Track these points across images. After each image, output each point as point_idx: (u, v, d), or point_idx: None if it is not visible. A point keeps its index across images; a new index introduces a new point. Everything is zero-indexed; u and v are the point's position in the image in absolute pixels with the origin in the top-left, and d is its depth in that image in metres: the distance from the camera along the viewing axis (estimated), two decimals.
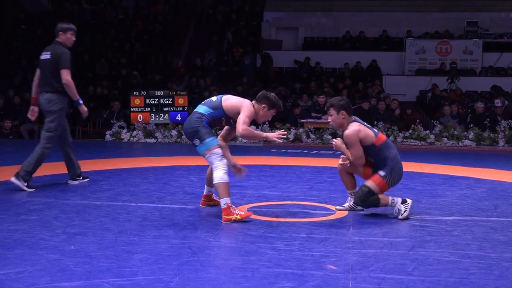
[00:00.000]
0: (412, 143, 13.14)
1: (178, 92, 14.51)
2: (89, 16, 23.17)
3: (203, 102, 5.50)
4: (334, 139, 5.69)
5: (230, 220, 5.14)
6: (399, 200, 5.51)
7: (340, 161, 5.70)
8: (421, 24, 21.66)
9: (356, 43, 20.96)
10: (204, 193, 5.83)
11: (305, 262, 4.01)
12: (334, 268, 3.90)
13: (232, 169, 5.55)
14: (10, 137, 13.99)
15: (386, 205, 5.48)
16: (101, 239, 4.53)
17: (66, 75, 6.91)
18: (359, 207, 5.78)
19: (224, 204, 5.17)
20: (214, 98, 5.48)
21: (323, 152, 11.51)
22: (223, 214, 5.18)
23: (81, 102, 7.12)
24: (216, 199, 5.82)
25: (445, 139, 13.19)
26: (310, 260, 4.07)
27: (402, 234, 4.85)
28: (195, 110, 5.47)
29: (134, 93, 14.20)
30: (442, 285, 3.61)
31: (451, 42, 20.20)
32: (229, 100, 5.41)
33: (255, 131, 5.58)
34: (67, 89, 6.91)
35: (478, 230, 5.02)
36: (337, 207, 5.88)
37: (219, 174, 5.19)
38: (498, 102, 15.10)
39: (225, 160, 5.27)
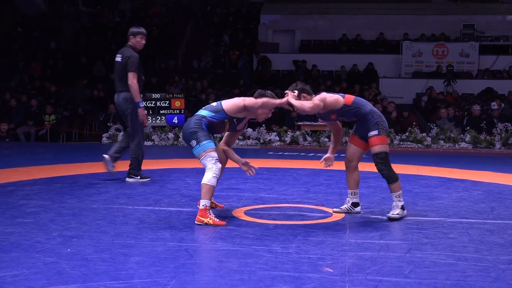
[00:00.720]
0: (408, 146, 13.15)
1: (175, 95, 14.48)
2: (86, 18, 23.14)
3: (203, 108, 5.50)
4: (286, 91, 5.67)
5: (203, 222, 5.11)
6: (402, 203, 5.56)
7: (323, 164, 5.89)
8: (417, 27, 21.68)
9: (352, 46, 20.99)
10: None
11: (302, 265, 4.01)
12: (331, 270, 3.90)
13: (244, 167, 5.61)
14: (7, 140, 13.97)
15: (396, 191, 5.53)
16: (98, 242, 4.52)
17: (131, 78, 7.43)
18: (357, 209, 5.79)
19: (203, 205, 5.15)
20: (214, 104, 5.50)
21: (319, 154, 11.47)
22: (198, 214, 5.17)
23: (141, 105, 7.56)
24: (215, 202, 5.84)
25: (442, 141, 13.21)
26: (307, 262, 4.07)
27: (398, 237, 4.85)
28: (195, 113, 5.48)
29: None
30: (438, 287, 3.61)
31: (447, 45, 20.23)
32: (229, 101, 5.45)
33: (271, 100, 5.49)
34: (131, 90, 7.44)
35: (474, 233, 5.03)
36: (334, 209, 5.88)
37: (208, 176, 5.17)
38: (494, 105, 15.12)
39: (218, 165, 5.24)
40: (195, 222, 5.15)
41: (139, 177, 7.64)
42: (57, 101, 16.49)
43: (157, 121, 13.99)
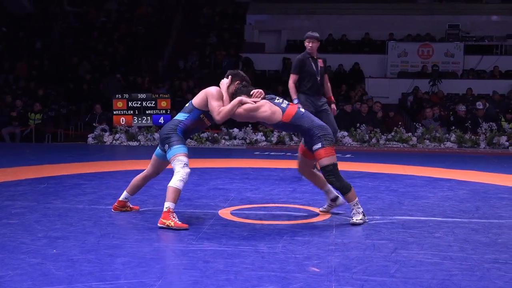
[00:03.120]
0: (394, 146, 13.20)
1: (161, 95, 14.46)
2: (72, 18, 23.02)
3: (181, 111, 5.51)
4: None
5: (164, 224, 5.01)
6: (361, 209, 5.40)
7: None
8: (403, 27, 21.75)
9: (338, 46, 21.01)
10: (120, 199, 5.73)
11: (288, 265, 4.01)
12: (317, 270, 3.90)
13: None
14: None
15: (352, 200, 5.31)
16: (83, 242, 4.50)
17: (289, 79, 8.19)
18: (338, 201, 5.74)
19: (166, 208, 5.05)
20: (188, 104, 5.50)
21: None
22: (161, 217, 5.07)
23: (295, 102, 7.86)
24: (131, 205, 5.78)
25: (427, 141, 13.26)
26: (293, 262, 4.07)
27: (384, 236, 4.87)
28: (174, 118, 5.49)
29: (117, 96, 14.14)
30: (424, 287, 3.63)
31: (432, 45, 20.31)
32: (197, 97, 5.43)
33: (228, 106, 5.30)
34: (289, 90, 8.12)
35: (460, 232, 5.05)
36: (321, 209, 5.89)
37: (176, 179, 5.12)
38: (479, 105, 15.20)
39: (187, 169, 5.18)
40: (158, 224, 5.05)
41: None
42: (44, 102, 16.39)
43: (143, 121, 13.96)
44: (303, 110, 5.48)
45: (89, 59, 19.86)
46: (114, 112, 14.02)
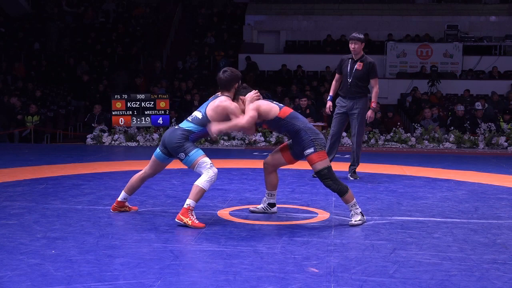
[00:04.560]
0: (393, 146, 13.20)
1: (159, 96, 14.45)
2: (69, 19, 23.01)
3: (189, 119, 5.35)
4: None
5: (182, 221, 5.06)
6: (360, 209, 5.39)
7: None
8: (402, 28, 21.80)
9: (337, 46, 21.04)
10: (118, 199, 5.70)
11: (287, 265, 4.01)
12: (316, 271, 3.90)
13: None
14: None
15: (350, 201, 5.30)
16: (82, 243, 4.50)
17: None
18: (273, 209, 5.75)
19: (187, 205, 5.09)
20: (199, 115, 5.32)
21: None
22: (180, 212, 5.11)
23: (328, 99, 8.34)
24: (129, 206, 5.76)
25: (426, 141, 13.26)
26: (292, 263, 4.07)
27: (383, 237, 4.87)
28: (180, 125, 5.35)
29: (116, 96, 14.13)
30: (423, 287, 3.63)
31: (431, 46, 20.33)
32: (214, 113, 5.28)
33: (248, 114, 5.27)
34: None
35: (458, 232, 5.06)
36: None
37: (203, 179, 5.12)
38: (478, 105, 15.23)
39: (214, 169, 5.17)
40: (175, 219, 5.11)
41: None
42: (42, 103, 16.40)
43: (142, 122, 13.95)
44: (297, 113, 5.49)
45: (87, 60, 19.87)
46: (113, 113, 14.00)
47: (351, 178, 8.08)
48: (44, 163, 9.53)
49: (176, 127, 5.38)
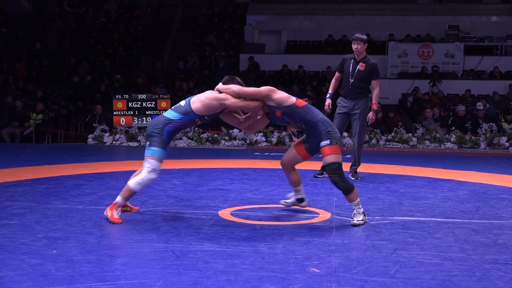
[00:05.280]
0: (394, 146, 13.20)
1: (160, 96, 14.46)
2: (71, 19, 23.02)
3: (172, 108, 5.43)
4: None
5: (107, 214, 5.24)
6: (362, 209, 5.38)
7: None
8: (403, 28, 21.78)
9: (338, 46, 21.03)
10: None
11: (288, 265, 4.01)
12: (317, 271, 3.90)
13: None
14: None
15: (354, 200, 5.29)
16: (84, 243, 4.50)
17: None
18: (302, 204, 5.88)
19: (116, 201, 5.25)
20: (182, 103, 5.40)
21: None
22: (107, 208, 5.30)
23: (327, 96, 8.39)
24: (130, 205, 5.74)
25: (427, 142, 13.26)
26: (293, 263, 4.07)
27: (384, 237, 4.87)
28: (163, 113, 5.42)
29: (117, 96, 14.14)
30: (424, 287, 3.63)
31: (432, 46, 20.32)
32: (198, 101, 5.34)
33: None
34: None
35: (460, 232, 5.05)
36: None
37: (135, 180, 5.21)
38: (480, 105, 15.23)
39: (152, 176, 5.20)
40: (103, 214, 5.33)
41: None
42: (43, 103, 16.39)
43: (143, 122, 13.96)
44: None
45: (88, 60, 19.87)
46: (114, 113, 14.01)
47: (352, 178, 8.08)
48: (45, 163, 9.53)
49: (160, 114, 5.45)
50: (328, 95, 8.38)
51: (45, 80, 18.74)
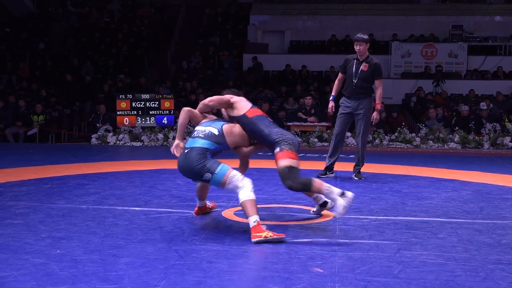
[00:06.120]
0: (398, 146, 13.19)
1: (164, 96, 14.48)
2: (74, 19, 23.05)
3: (203, 135, 5.02)
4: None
5: (261, 237, 4.56)
6: (337, 191, 4.90)
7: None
8: (406, 28, 21.76)
9: (342, 46, 21.02)
10: (198, 205, 5.59)
11: (291, 265, 4.01)
12: (321, 271, 3.90)
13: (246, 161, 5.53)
14: None
15: (321, 190, 4.92)
16: (87, 243, 4.51)
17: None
18: (328, 205, 5.52)
19: (254, 222, 4.65)
20: (215, 131, 5.04)
21: (309, 155, 11.53)
22: (252, 232, 4.64)
23: (331, 98, 8.41)
24: (208, 206, 5.69)
25: (431, 142, 13.25)
26: (297, 263, 4.07)
27: (388, 237, 4.86)
28: (193, 146, 4.98)
29: (120, 96, 14.16)
30: (428, 287, 3.62)
31: (436, 46, 20.30)
32: (232, 132, 5.12)
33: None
34: None
35: (463, 233, 5.05)
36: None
37: (245, 193, 4.73)
38: (483, 105, 15.21)
39: (247, 179, 4.82)
40: (252, 241, 4.59)
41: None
42: (47, 102, 16.43)
43: (147, 122, 13.97)
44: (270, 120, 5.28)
45: (92, 60, 19.89)
46: (118, 113, 14.04)
47: (355, 178, 8.08)
48: (49, 162, 9.55)
49: (186, 151, 5.02)
50: (331, 98, 8.39)
51: (48, 80, 18.75)
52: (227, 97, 5.28)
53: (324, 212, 5.81)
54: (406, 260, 4.17)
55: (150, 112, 14.02)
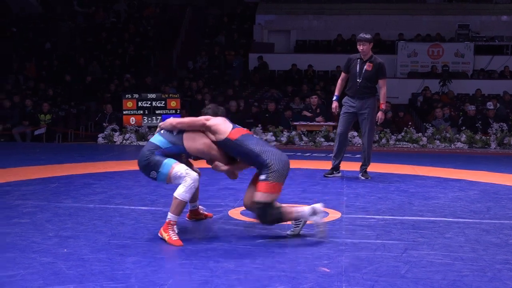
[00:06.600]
0: (404, 146, 13.17)
1: (170, 95, 14.49)
2: (81, 18, 23.10)
3: (162, 132, 4.86)
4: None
5: (162, 235, 4.60)
6: (307, 210, 4.71)
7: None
8: (412, 27, 21.72)
9: (348, 46, 20.99)
10: (189, 209, 5.38)
11: (298, 265, 4.01)
12: (328, 270, 3.90)
13: (230, 176, 5.11)
14: (2, 140, 13.94)
15: (293, 219, 4.75)
16: (94, 242, 4.52)
17: None
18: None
19: (168, 218, 4.61)
20: (175, 133, 4.83)
21: (316, 154, 11.52)
22: (162, 226, 4.67)
23: (334, 98, 8.39)
24: (203, 212, 5.46)
25: (437, 141, 13.23)
26: (304, 262, 4.07)
27: (395, 237, 4.85)
28: (150, 140, 4.87)
29: (127, 95, 14.18)
30: (435, 287, 3.61)
31: (442, 45, 20.25)
32: (191, 138, 4.80)
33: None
34: None
35: (471, 232, 5.03)
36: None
37: (181, 190, 4.60)
38: (490, 105, 15.16)
39: (192, 174, 4.62)
40: (158, 233, 4.69)
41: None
42: (53, 102, 16.47)
43: (153, 121, 13.99)
44: (256, 136, 5.00)
45: (98, 60, 19.92)
46: (124, 112, 14.07)
47: (362, 178, 8.07)
48: (55, 162, 9.57)
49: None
50: (334, 98, 8.37)
51: (54, 80, 18.79)
52: (201, 120, 4.80)
53: (331, 211, 5.81)
54: (413, 260, 4.17)
55: (156, 112, 14.04)
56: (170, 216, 4.63)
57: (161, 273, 3.79)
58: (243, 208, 5.88)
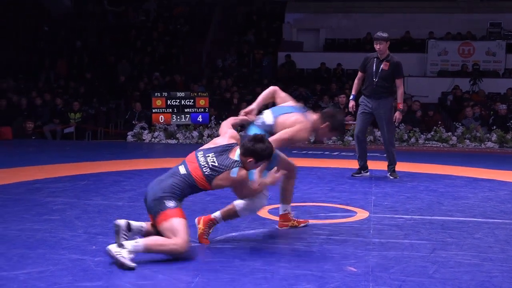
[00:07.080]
0: (434, 145, 13.05)
1: (199, 93, 14.55)
2: (111, 17, 23.31)
3: (257, 125, 4.71)
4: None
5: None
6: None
7: None
8: (443, 26, 21.48)
9: None
10: (280, 213, 5.16)
11: (325, 264, 4.00)
12: (354, 270, 3.89)
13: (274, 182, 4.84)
14: (33, 137, 14.13)
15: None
16: None
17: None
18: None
19: (213, 216, 4.63)
20: (269, 119, 4.67)
21: (344, 153, 11.47)
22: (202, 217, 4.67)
23: (351, 98, 8.34)
24: (294, 219, 5.14)
25: (468, 141, 13.08)
26: (330, 261, 4.06)
27: (423, 237, 4.82)
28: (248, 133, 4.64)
29: (156, 94, 14.27)
30: None
31: (473, 44, 20.02)
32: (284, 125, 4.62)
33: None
34: None
35: (500, 233, 4.98)
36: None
37: (244, 206, 4.57)
38: None
39: (265, 198, 4.53)
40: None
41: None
42: (84, 100, 16.64)
43: (182, 120, 14.05)
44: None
45: (128, 58, 20.07)
46: (153, 110, 14.14)
47: (390, 177, 8.02)
48: (85, 159, 9.67)
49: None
50: (351, 97, 8.32)
51: (85, 78, 18.98)
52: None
53: (359, 210, 5.79)
54: (441, 260, 4.13)
55: (185, 110, 14.09)
56: (217, 214, 4.64)
57: (188, 271, 3.81)
58: (270, 207, 5.90)
